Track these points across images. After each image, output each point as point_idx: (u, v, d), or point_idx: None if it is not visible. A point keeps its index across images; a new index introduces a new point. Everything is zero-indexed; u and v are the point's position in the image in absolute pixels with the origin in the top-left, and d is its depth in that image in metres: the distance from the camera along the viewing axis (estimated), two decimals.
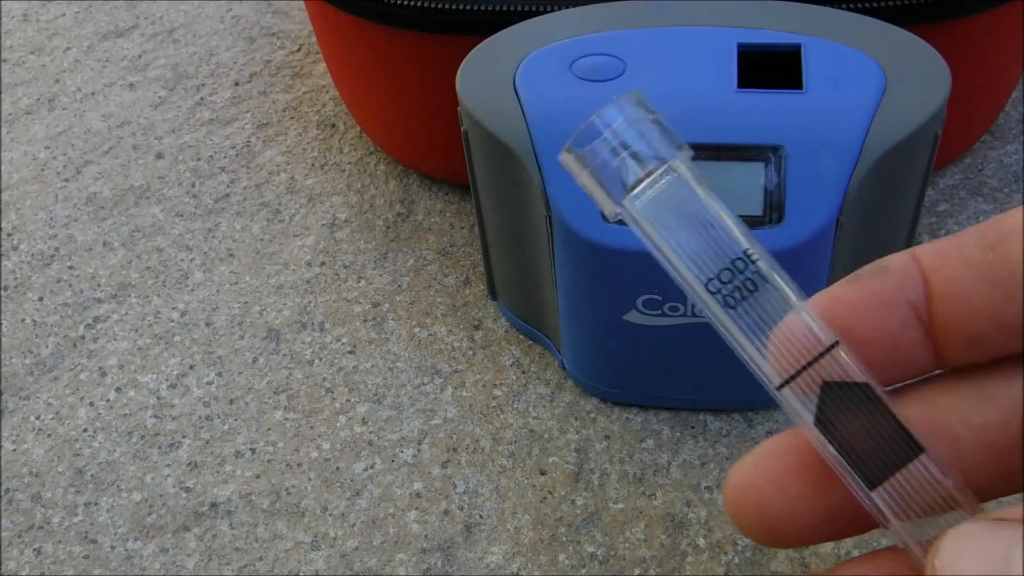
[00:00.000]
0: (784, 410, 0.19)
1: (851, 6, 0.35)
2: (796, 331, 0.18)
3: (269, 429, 0.38)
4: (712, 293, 0.19)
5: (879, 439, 0.18)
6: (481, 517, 0.35)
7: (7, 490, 0.37)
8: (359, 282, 0.43)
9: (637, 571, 0.34)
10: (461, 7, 0.37)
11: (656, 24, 0.34)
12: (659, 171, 0.19)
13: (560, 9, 0.36)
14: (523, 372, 0.39)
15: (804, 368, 0.18)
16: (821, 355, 0.18)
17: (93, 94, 0.53)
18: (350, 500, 0.36)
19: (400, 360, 0.40)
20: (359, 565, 0.34)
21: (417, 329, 0.41)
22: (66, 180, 0.49)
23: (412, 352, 0.40)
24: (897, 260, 0.19)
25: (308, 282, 0.43)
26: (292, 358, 0.40)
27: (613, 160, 0.19)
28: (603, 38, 0.33)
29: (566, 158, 0.19)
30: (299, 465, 0.37)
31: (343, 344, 0.41)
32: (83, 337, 0.42)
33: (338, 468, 0.37)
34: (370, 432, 0.38)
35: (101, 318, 0.42)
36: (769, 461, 0.19)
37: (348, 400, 0.39)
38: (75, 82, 0.54)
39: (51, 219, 0.47)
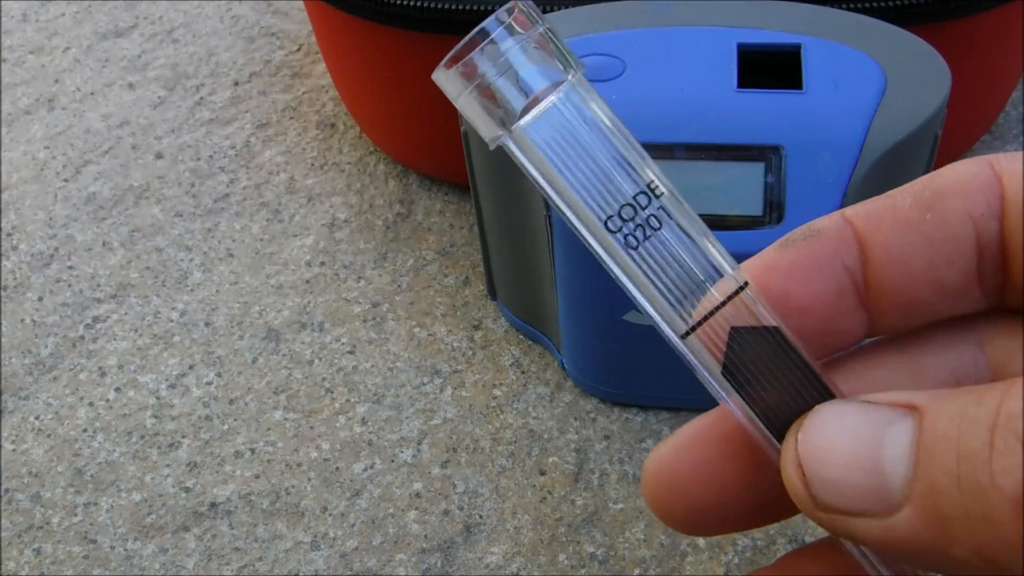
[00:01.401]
0: (687, 362, 0.17)
1: (851, 6, 0.35)
2: (703, 275, 0.17)
3: (269, 429, 0.38)
4: (612, 232, 0.16)
5: (790, 388, 0.16)
6: (481, 517, 0.35)
7: (7, 490, 0.37)
8: (359, 282, 0.43)
9: (637, 571, 0.34)
10: (461, 7, 0.37)
11: (656, 24, 0.34)
12: (550, 94, 0.16)
13: (560, 9, 0.36)
14: (523, 372, 0.39)
15: (712, 313, 0.16)
16: (729, 298, 0.16)
17: (92, 94, 0.53)
18: (350, 500, 0.36)
19: (400, 360, 0.40)
20: (359, 565, 0.34)
21: (417, 329, 0.41)
22: (65, 180, 0.48)
23: (412, 352, 0.40)
24: (829, 223, 0.17)
25: (308, 282, 0.43)
26: (292, 358, 0.40)
27: (496, 79, 0.16)
28: (603, 38, 0.33)
29: (440, 76, 0.16)
30: (299, 465, 0.37)
31: (343, 344, 0.41)
32: (83, 337, 0.42)
33: (338, 468, 0.37)
34: (370, 432, 0.38)
35: (101, 318, 0.42)
36: (691, 451, 0.18)
37: (348, 400, 0.39)
38: (74, 82, 0.54)
39: (50, 219, 0.47)
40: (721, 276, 0.17)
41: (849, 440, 0.15)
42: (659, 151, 0.31)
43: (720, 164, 0.31)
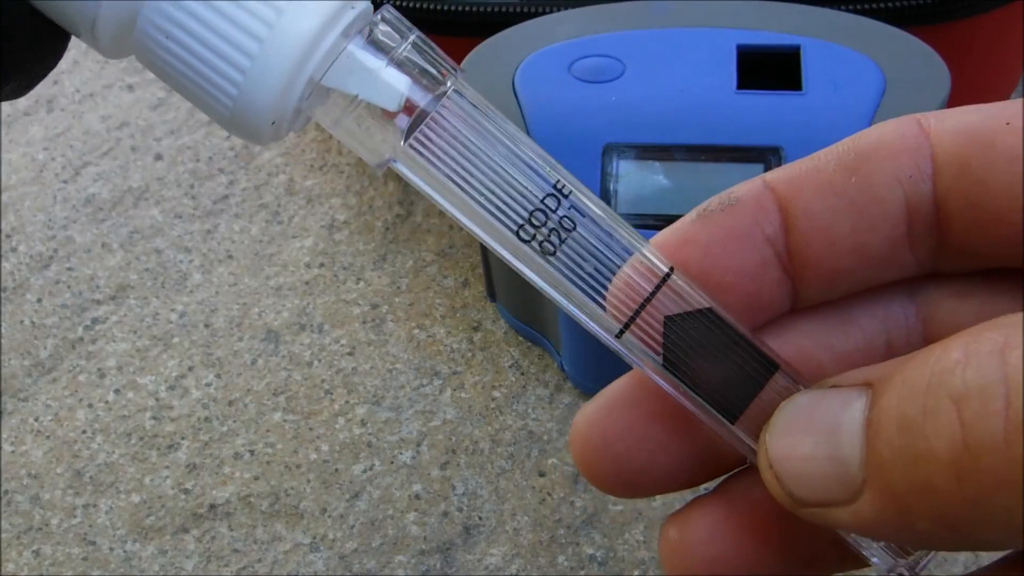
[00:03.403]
0: (626, 359, 0.17)
1: (851, 7, 0.35)
2: (626, 268, 0.16)
3: (268, 431, 0.38)
4: (526, 242, 0.15)
5: (732, 366, 0.16)
6: (480, 519, 0.35)
7: (6, 491, 0.37)
8: (358, 283, 0.43)
9: (636, 572, 0.34)
10: (461, 7, 0.37)
11: (655, 25, 0.34)
12: (433, 106, 0.15)
13: (560, 10, 0.36)
14: (522, 373, 0.39)
15: (642, 306, 0.16)
16: (658, 288, 0.16)
17: (92, 95, 0.53)
18: (349, 502, 0.36)
19: (399, 361, 0.40)
20: (358, 567, 0.34)
21: (416, 330, 0.41)
22: (65, 181, 0.48)
23: (411, 353, 0.40)
24: (748, 189, 0.16)
25: (307, 283, 0.43)
26: (291, 359, 0.40)
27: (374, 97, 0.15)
28: (602, 39, 0.33)
29: (318, 112, 0.14)
30: (298, 467, 0.37)
31: (342, 345, 0.41)
32: (82, 339, 0.42)
33: (337, 470, 0.37)
34: (369, 434, 0.38)
35: (100, 319, 0.42)
36: (620, 408, 0.17)
37: (347, 401, 0.39)
38: (74, 83, 0.54)
39: (50, 220, 0.47)
40: (646, 267, 0.16)
41: (809, 430, 0.15)
42: (659, 152, 0.31)
43: (720, 165, 0.31)
